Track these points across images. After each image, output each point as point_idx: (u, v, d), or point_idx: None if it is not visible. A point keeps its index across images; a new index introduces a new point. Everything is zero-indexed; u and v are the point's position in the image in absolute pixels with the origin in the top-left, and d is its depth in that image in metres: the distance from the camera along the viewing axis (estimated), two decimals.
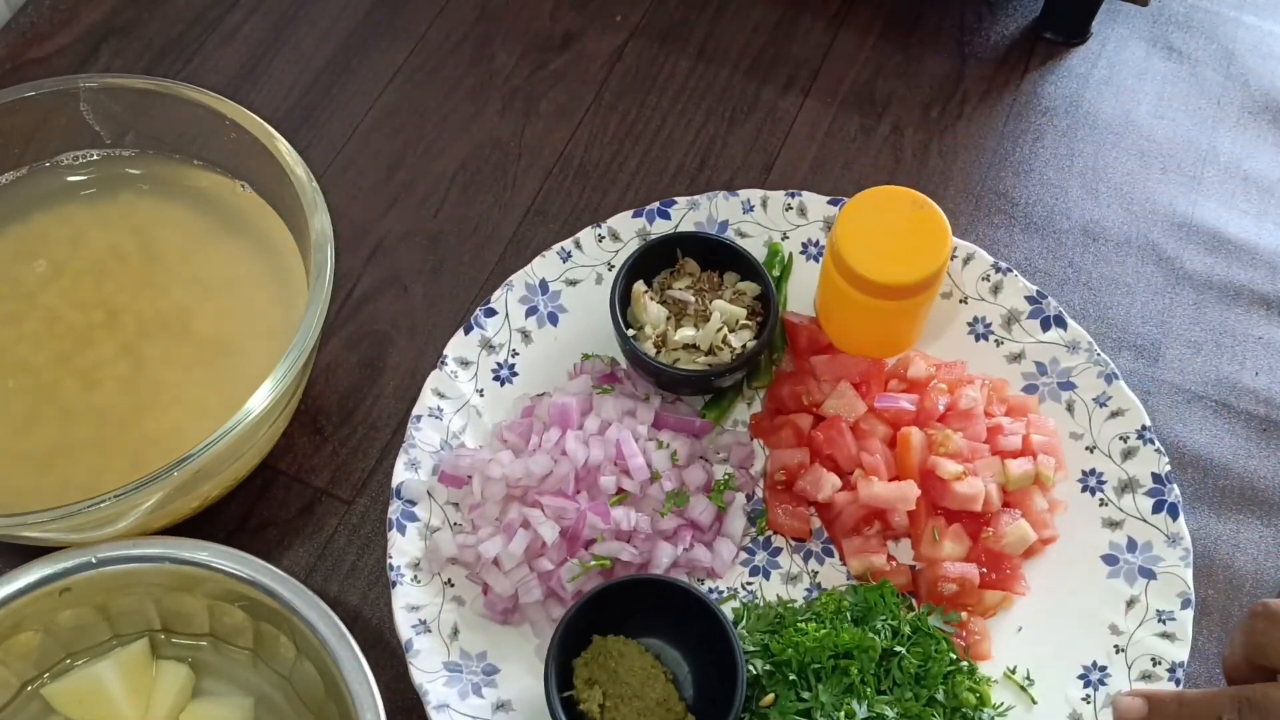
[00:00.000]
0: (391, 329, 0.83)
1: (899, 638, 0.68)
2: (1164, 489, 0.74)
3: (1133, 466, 0.75)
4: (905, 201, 0.74)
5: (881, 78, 0.95)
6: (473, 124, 0.92)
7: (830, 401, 0.75)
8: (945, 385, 0.75)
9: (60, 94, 0.75)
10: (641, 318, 0.76)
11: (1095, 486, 0.75)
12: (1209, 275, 0.87)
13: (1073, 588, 0.73)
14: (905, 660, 0.68)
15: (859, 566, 0.73)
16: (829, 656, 0.67)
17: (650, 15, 0.98)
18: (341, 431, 0.79)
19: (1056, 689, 0.70)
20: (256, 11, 0.97)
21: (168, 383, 0.72)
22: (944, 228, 0.73)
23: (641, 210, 0.82)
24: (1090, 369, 0.77)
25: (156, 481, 0.62)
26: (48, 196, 0.78)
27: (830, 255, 0.75)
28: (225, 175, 0.78)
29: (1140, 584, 0.72)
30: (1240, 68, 0.97)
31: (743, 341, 0.76)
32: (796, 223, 0.83)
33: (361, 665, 0.61)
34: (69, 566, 0.64)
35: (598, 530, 0.70)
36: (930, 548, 0.72)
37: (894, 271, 0.72)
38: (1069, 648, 0.71)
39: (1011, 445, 0.74)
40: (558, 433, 0.74)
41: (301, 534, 0.76)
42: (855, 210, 0.74)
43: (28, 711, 0.67)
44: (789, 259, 0.82)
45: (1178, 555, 0.72)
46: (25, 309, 0.74)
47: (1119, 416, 0.76)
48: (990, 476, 0.73)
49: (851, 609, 0.70)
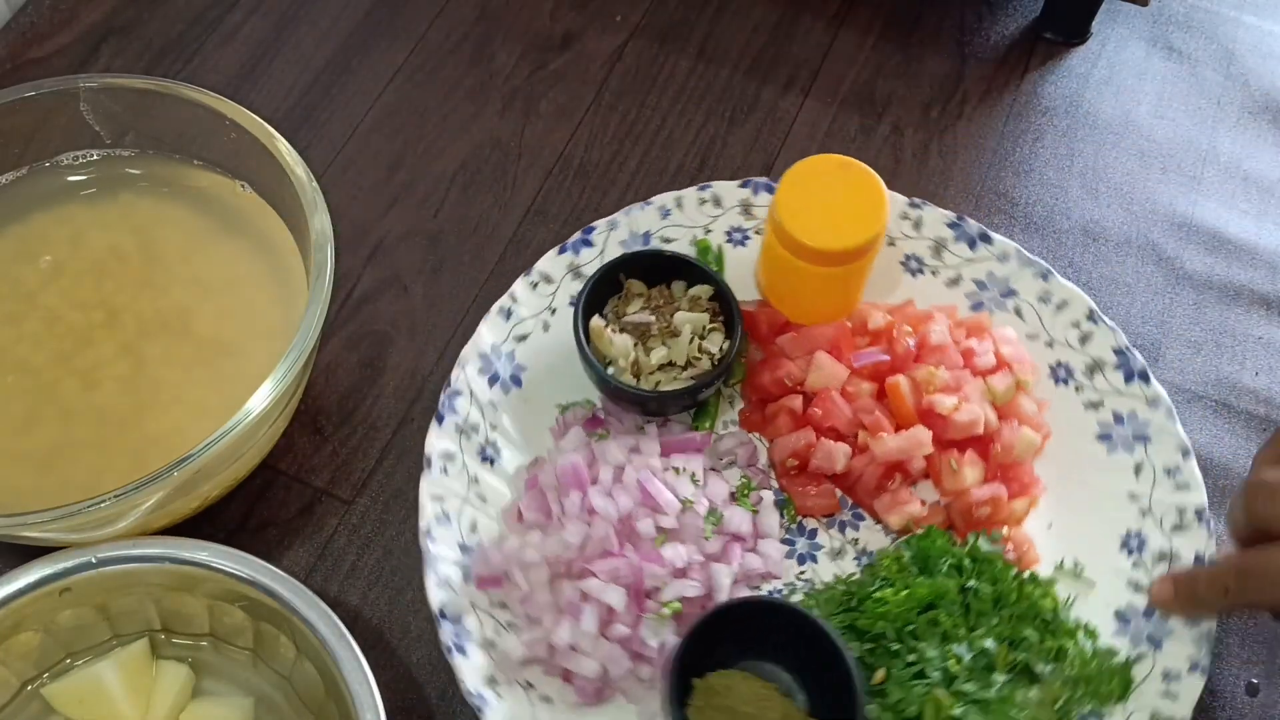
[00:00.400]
0: (391, 329, 0.83)
1: (964, 573, 0.70)
2: (1129, 358, 0.77)
3: (1093, 349, 0.78)
4: (840, 168, 0.75)
5: (881, 78, 0.95)
6: (473, 124, 0.92)
7: (813, 376, 0.75)
8: (909, 327, 0.77)
9: (60, 94, 0.75)
10: (609, 352, 0.75)
11: (1065, 377, 0.79)
12: (1209, 275, 0.87)
13: (1082, 473, 0.76)
14: (980, 590, 0.69)
15: (899, 521, 0.73)
16: (916, 614, 0.68)
17: (650, 15, 0.98)
18: (341, 431, 0.79)
19: (1105, 567, 0.73)
20: (256, 11, 0.97)
21: (168, 383, 0.72)
22: (880, 190, 0.74)
23: (565, 245, 0.80)
24: (1024, 271, 0.80)
25: (156, 481, 0.62)
26: (48, 196, 0.78)
27: (772, 229, 0.75)
28: (225, 175, 0.78)
29: (1139, 449, 0.75)
30: (1240, 68, 0.97)
31: (717, 345, 0.75)
32: (714, 214, 0.83)
33: (361, 665, 0.61)
34: (69, 566, 0.64)
35: (657, 577, 0.68)
36: (953, 480, 0.73)
37: (837, 237, 0.73)
38: (1100, 526, 0.74)
39: (986, 363, 0.76)
40: (577, 495, 0.71)
41: (301, 534, 0.76)
42: (793, 182, 0.74)
43: (28, 711, 0.67)
44: (720, 251, 0.82)
45: (1162, 414, 0.76)
46: (25, 309, 0.74)
47: (1066, 307, 0.79)
48: (979, 398, 0.74)
49: (913, 562, 0.71)
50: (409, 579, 0.74)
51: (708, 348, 0.75)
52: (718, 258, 0.82)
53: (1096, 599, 0.72)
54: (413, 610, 0.73)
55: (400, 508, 0.77)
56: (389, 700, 0.63)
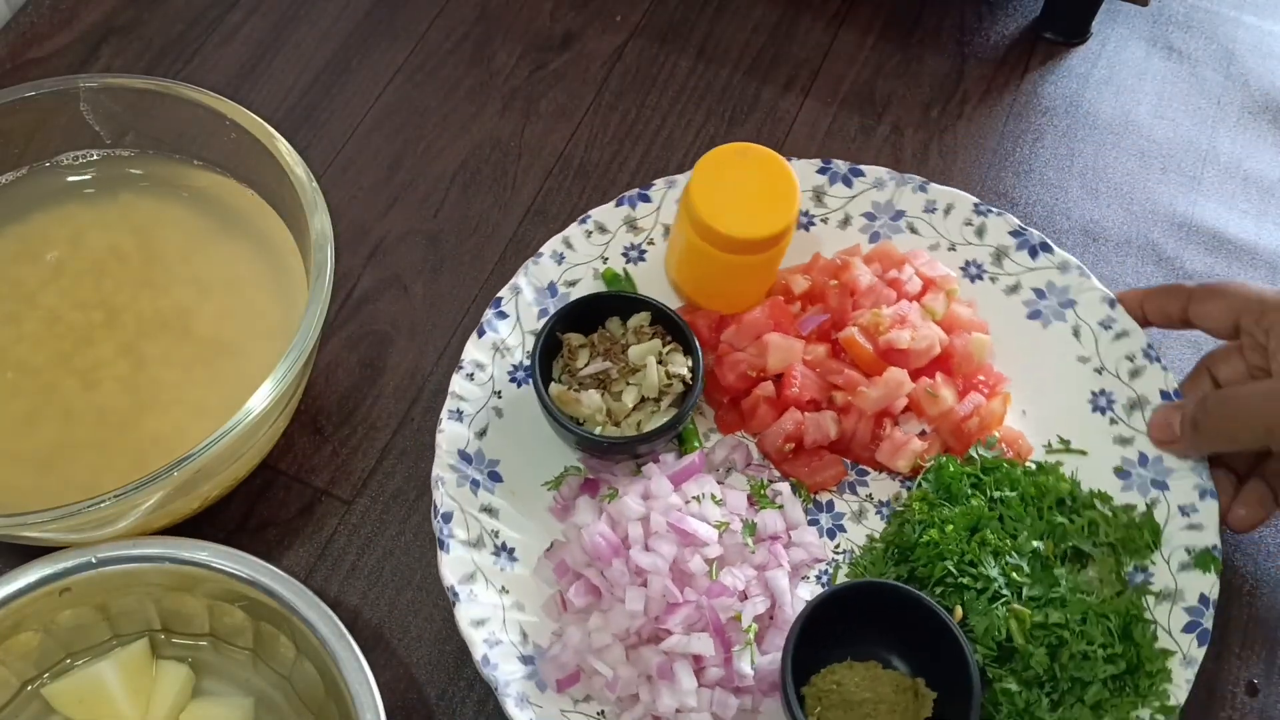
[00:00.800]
0: (391, 329, 0.83)
1: (983, 486, 0.72)
2: (1026, 236, 0.80)
3: (990, 239, 0.80)
4: (746, 156, 0.75)
5: (881, 78, 0.95)
6: (473, 124, 0.92)
7: (773, 358, 0.75)
8: (835, 282, 0.77)
9: (60, 94, 0.75)
10: (581, 412, 0.73)
11: (977, 274, 0.81)
12: (1209, 275, 0.87)
13: (1030, 356, 0.79)
14: (1006, 498, 0.72)
15: (906, 463, 0.75)
16: (967, 542, 0.69)
17: (650, 15, 0.98)
18: (341, 431, 0.79)
19: (1088, 432, 0.77)
20: (256, 11, 0.97)
21: (168, 383, 0.72)
22: (789, 173, 0.74)
23: (481, 327, 0.77)
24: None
25: (156, 481, 0.62)
26: (48, 196, 0.78)
27: (688, 223, 0.75)
28: (225, 175, 0.78)
29: (1069, 314, 0.79)
30: (1240, 68, 0.97)
31: (681, 364, 0.74)
32: (603, 241, 0.81)
33: (361, 665, 0.61)
34: (69, 566, 0.64)
35: (729, 607, 0.68)
36: (935, 405, 0.75)
37: (755, 225, 0.73)
38: (1067, 397, 0.78)
39: (915, 287, 0.78)
40: (619, 562, 0.68)
41: (301, 534, 0.76)
42: (704, 174, 0.74)
43: (28, 711, 0.67)
44: (625, 272, 0.81)
45: (1075, 275, 0.79)
46: (25, 309, 0.74)
47: (952, 210, 0.81)
48: (923, 321, 0.76)
49: (938, 497, 0.73)
50: (409, 579, 0.74)
51: (674, 371, 0.74)
52: (628, 279, 0.81)
53: (1092, 464, 0.76)
54: (413, 610, 0.73)
55: (400, 508, 0.77)
56: (389, 700, 0.63)
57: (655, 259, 0.82)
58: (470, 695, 0.71)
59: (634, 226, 0.82)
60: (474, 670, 0.72)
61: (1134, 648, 0.68)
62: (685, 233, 0.75)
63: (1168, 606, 0.70)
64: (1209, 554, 0.71)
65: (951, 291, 0.78)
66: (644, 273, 0.81)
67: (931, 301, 0.78)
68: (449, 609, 0.73)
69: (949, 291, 0.78)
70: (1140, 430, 0.76)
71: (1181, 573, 0.71)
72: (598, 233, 0.81)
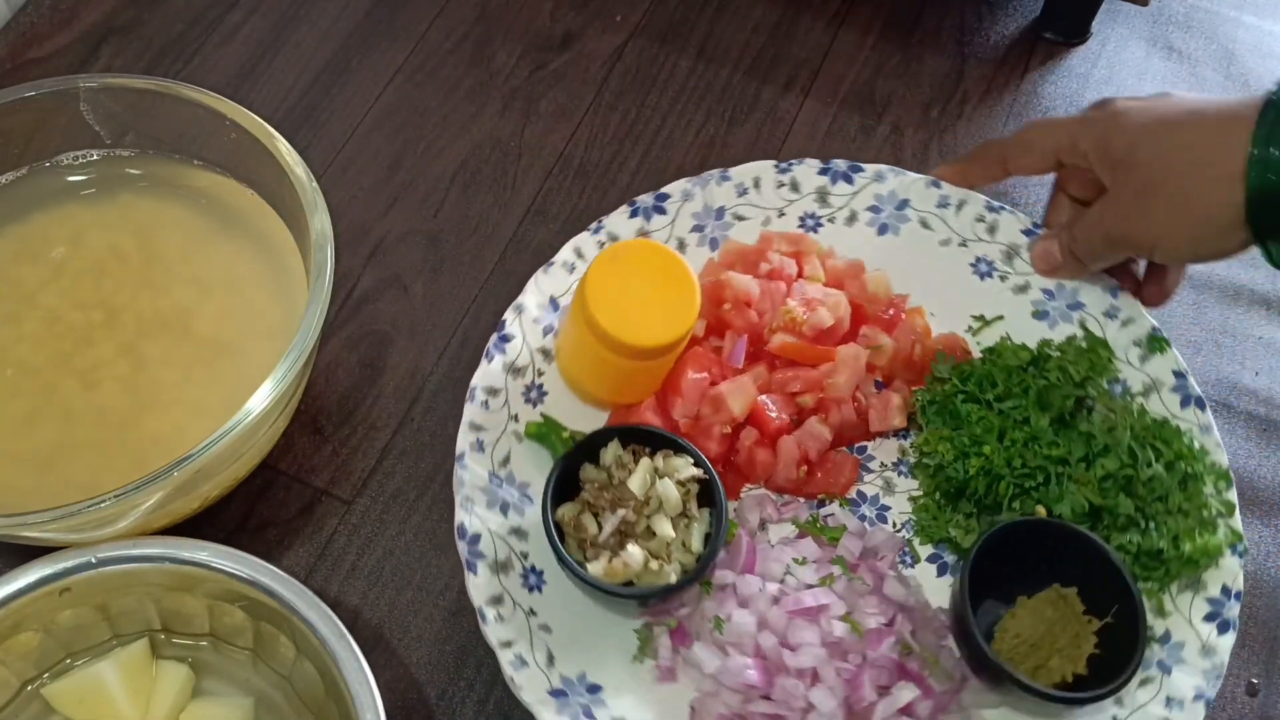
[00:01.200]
0: (391, 329, 0.83)
1: (966, 385, 0.75)
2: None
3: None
4: (655, 257, 0.71)
5: (881, 78, 0.95)
6: (473, 124, 0.92)
7: (735, 406, 0.73)
8: (729, 303, 0.76)
9: (60, 94, 0.75)
10: (631, 573, 0.67)
11: (813, 227, 0.82)
12: (1209, 275, 0.87)
13: (901, 263, 0.81)
14: (997, 394, 0.74)
15: (900, 418, 0.76)
16: (1001, 446, 0.72)
17: (650, 15, 0.98)
18: (341, 431, 0.79)
19: (991, 299, 0.80)
20: (256, 11, 0.97)
21: (168, 383, 0.72)
22: (690, 277, 0.70)
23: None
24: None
25: (156, 481, 0.62)
26: (48, 196, 0.78)
27: (583, 320, 0.70)
28: (225, 175, 0.78)
29: (904, 210, 0.82)
30: (1240, 68, 0.97)
31: (684, 465, 0.70)
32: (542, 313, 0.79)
33: (361, 665, 0.61)
34: (69, 566, 0.64)
35: (893, 645, 0.67)
36: (883, 355, 0.77)
37: (653, 332, 0.69)
38: (956, 281, 0.81)
39: (792, 268, 0.78)
40: (784, 678, 0.66)
41: (301, 534, 0.76)
42: (602, 271, 0.70)
43: (28, 711, 0.67)
44: (543, 417, 0.75)
45: (911, 180, 0.80)
46: (25, 309, 0.74)
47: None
48: (821, 290, 0.76)
49: (941, 424, 0.74)
50: (409, 579, 0.74)
51: (682, 475, 0.70)
52: (550, 424, 0.74)
53: (1015, 323, 0.79)
54: (413, 610, 0.73)
55: (400, 508, 0.77)
56: (389, 700, 0.63)
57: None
58: (470, 695, 0.71)
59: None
60: (474, 670, 0.72)
61: (1176, 448, 0.72)
62: (576, 322, 0.71)
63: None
64: (1156, 337, 0.76)
65: (820, 250, 0.79)
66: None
67: (813, 270, 0.78)
68: (449, 609, 0.73)
69: (817, 253, 0.79)
70: (1029, 272, 0.79)
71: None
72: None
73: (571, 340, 0.73)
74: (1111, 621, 0.68)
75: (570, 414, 0.76)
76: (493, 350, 0.75)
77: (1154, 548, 0.70)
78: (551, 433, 0.74)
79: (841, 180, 0.82)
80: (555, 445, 0.73)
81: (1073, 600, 0.69)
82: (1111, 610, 0.67)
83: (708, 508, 0.70)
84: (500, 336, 0.76)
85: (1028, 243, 0.80)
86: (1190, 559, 0.70)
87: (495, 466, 0.72)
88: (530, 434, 0.74)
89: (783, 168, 0.82)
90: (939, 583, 0.73)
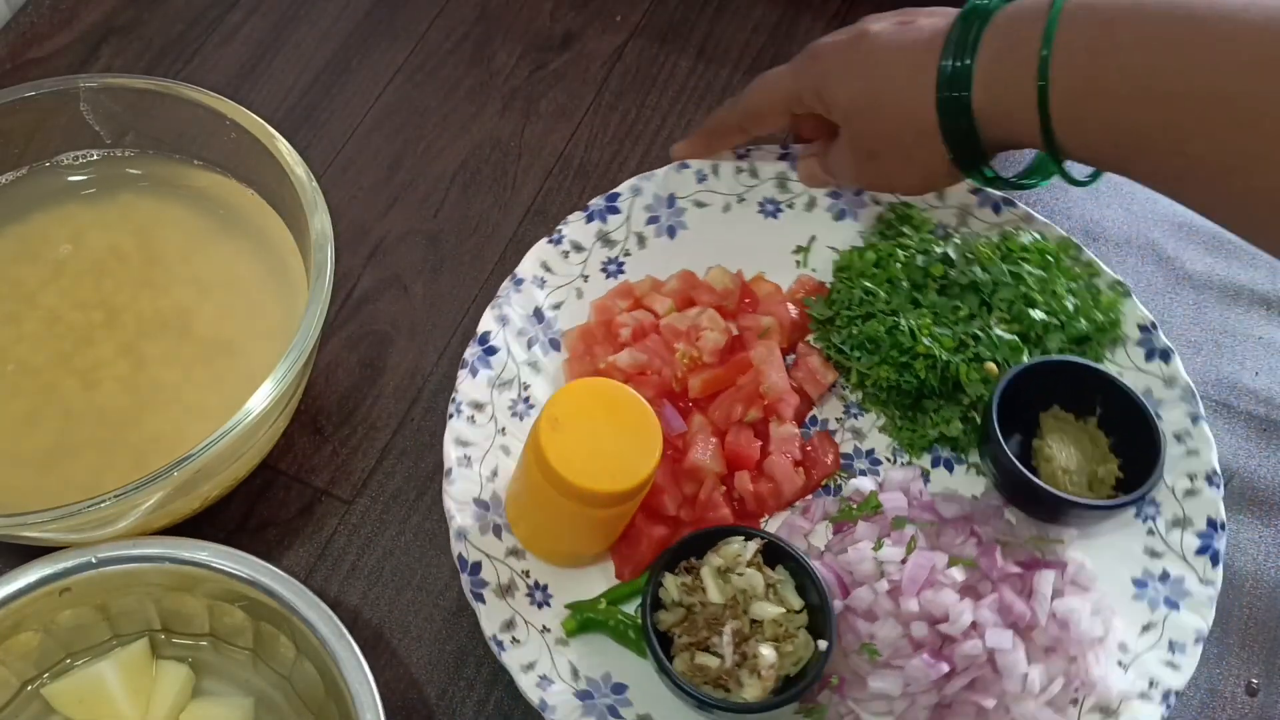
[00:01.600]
0: (391, 329, 0.83)
1: (856, 300, 0.78)
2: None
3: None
4: (616, 398, 0.66)
5: None
6: (473, 124, 0.92)
7: (711, 467, 0.73)
8: (642, 371, 0.76)
9: (60, 94, 0.75)
10: (779, 672, 0.65)
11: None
12: (1209, 275, 0.87)
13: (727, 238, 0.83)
14: (875, 278, 0.78)
15: (829, 372, 0.78)
16: (921, 327, 0.75)
17: (650, 15, 0.98)
18: (341, 431, 0.79)
19: (808, 226, 0.83)
20: (256, 11, 0.97)
21: (168, 383, 0.72)
22: (652, 419, 0.65)
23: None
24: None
25: (156, 481, 0.62)
26: (48, 196, 0.78)
27: (534, 462, 0.65)
28: (225, 175, 0.78)
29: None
30: None
31: (754, 551, 0.68)
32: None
33: (361, 665, 0.61)
34: (69, 566, 0.64)
35: (998, 554, 0.69)
36: (775, 333, 0.78)
37: (613, 478, 0.64)
38: (765, 224, 0.83)
39: (645, 317, 0.78)
40: (940, 661, 0.66)
41: (301, 534, 0.76)
42: (558, 413, 0.65)
43: (28, 711, 0.67)
44: (607, 608, 0.71)
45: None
46: (25, 309, 0.74)
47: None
48: (687, 319, 0.77)
49: (864, 347, 0.76)
50: (409, 579, 0.74)
51: (770, 577, 0.68)
52: (605, 608, 0.70)
53: (824, 233, 0.83)
54: (413, 610, 0.73)
55: (400, 508, 0.77)
56: (389, 700, 0.63)
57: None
58: (470, 695, 0.71)
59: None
60: (474, 670, 0.72)
61: (1031, 250, 0.79)
62: (527, 463, 0.66)
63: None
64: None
65: (647, 289, 0.79)
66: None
67: (662, 306, 0.78)
68: (449, 609, 0.73)
69: (649, 290, 0.79)
70: (805, 189, 0.82)
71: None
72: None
73: (528, 489, 0.68)
74: (1125, 444, 0.74)
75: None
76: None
77: (1079, 334, 0.76)
78: (590, 613, 0.70)
79: None
80: (605, 624, 0.70)
81: (1093, 430, 0.75)
82: (1123, 431, 0.74)
83: (778, 564, 0.68)
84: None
85: (788, 167, 0.83)
86: (1108, 322, 0.78)
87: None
88: (574, 631, 0.70)
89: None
90: (954, 480, 0.77)
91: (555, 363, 0.78)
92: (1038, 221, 0.81)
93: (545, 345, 0.78)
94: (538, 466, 0.65)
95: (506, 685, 0.71)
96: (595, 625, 0.70)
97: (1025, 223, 0.82)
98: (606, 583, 0.72)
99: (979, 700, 0.66)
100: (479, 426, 0.74)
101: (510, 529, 0.72)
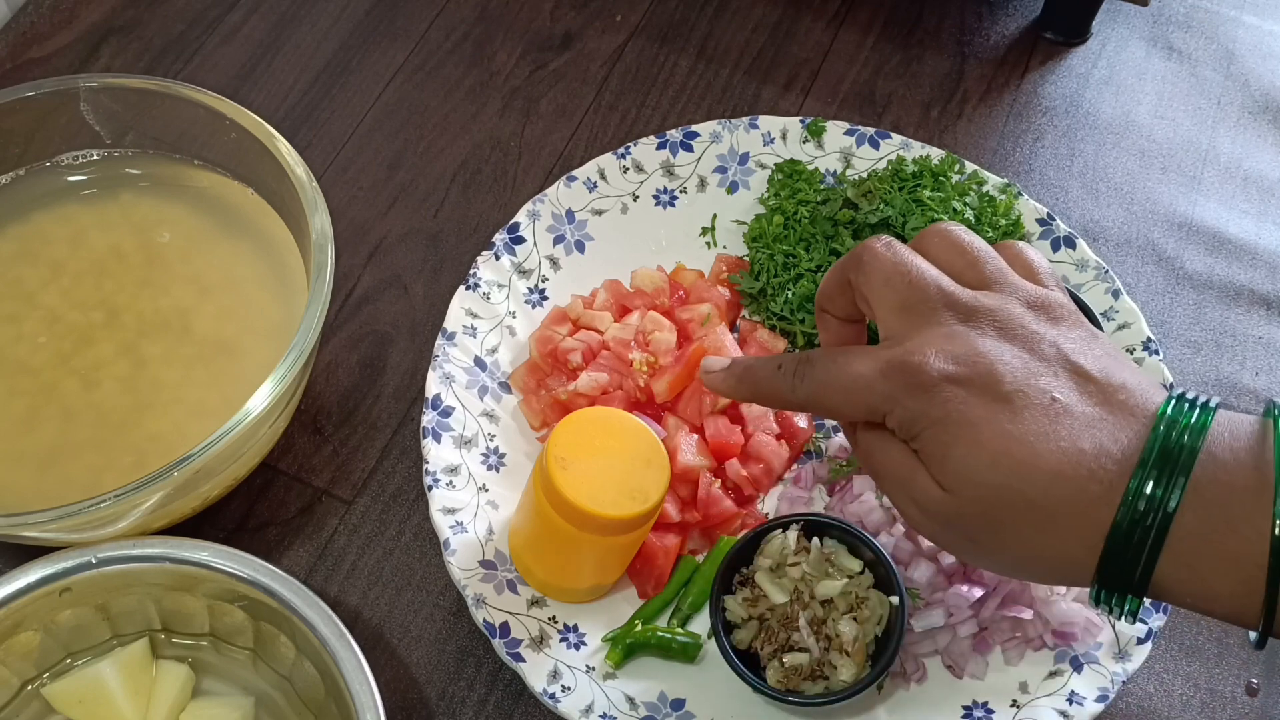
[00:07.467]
0: (391, 329, 0.83)
1: (798, 269, 0.79)
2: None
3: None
4: (610, 424, 0.66)
5: (881, 78, 0.95)
6: (473, 124, 0.92)
7: (685, 460, 0.72)
8: (605, 390, 0.75)
9: (60, 94, 0.75)
10: (865, 644, 0.66)
11: None
12: (1209, 275, 0.87)
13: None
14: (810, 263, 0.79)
15: (777, 341, 0.78)
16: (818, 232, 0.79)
17: (650, 15, 0.98)
18: (341, 431, 0.79)
19: (706, 206, 0.84)
20: (256, 11, 0.97)
21: (168, 383, 0.72)
22: (658, 445, 0.66)
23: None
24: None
25: (157, 481, 0.62)
26: (48, 196, 0.78)
27: (541, 489, 0.65)
28: (225, 175, 0.78)
29: None
30: (1240, 68, 0.97)
31: (798, 534, 0.68)
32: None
33: (361, 665, 0.61)
34: (69, 566, 0.64)
35: None
36: (718, 318, 0.78)
37: (622, 503, 0.64)
38: (663, 215, 0.84)
39: (590, 338, 0.77)
40: (979, 589, 0.68)
41: (301, 534, 0.76)
42: (565, 439, 0.65)
43: (28, 711, 0.67)
44: (653, 630, 0.70)
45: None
46: (25, 309, 0.74)
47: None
48: (629, 329, 0.77)
49: (805, 307, 0.78)
50: (409, 579, 0.74)
51: (839, 561, 0.68)
52: (649, 630, 0.70)
53: (724, 208, 0.84)
54: (413, 610, 0.73)
55: (400, 508, 0.77)
56: (389, 700, 0.63)
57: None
58: (470, 695, 0.71)
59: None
60: (474, 670, 0.72)
61: (916, 169, 0.82)
62: (535, 492, 0.66)
63: None
64: (815, 124, 0.84)
65: (580, 308, 0.79)
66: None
67: (602, 322, 0.78)
68: (449, 609, 0.73)
69: (581, 308, 0.79)
70: (692, 174, 0.84)
71: None
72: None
73: (534, 520, 0.67)
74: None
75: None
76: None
77: (990, 239, 0.77)
78: (630, 638, 0.69)
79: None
80: (648, 643, 0.69)
81: None
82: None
83: (816, 537, 0.68)
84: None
85: (668, 154, 0.84)
86: (1010, 224, 0.81)
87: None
88: (620, 662, 0.69)
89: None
90: None
91: (510, 405, 0.77)
92: (913, 146, 0.84)
93: (495, 392, 0.77)
94: (554, 508, 0.64)
95: (506, 685, 0.71)
96: (638, 648, 0.69)
97: (904, 150, 0.84)
98: (631, 607, 0.71)
99: (1015, 614, 0.67)
100: (459, 490, 0.72)
101: (523, 581, 0.71)
